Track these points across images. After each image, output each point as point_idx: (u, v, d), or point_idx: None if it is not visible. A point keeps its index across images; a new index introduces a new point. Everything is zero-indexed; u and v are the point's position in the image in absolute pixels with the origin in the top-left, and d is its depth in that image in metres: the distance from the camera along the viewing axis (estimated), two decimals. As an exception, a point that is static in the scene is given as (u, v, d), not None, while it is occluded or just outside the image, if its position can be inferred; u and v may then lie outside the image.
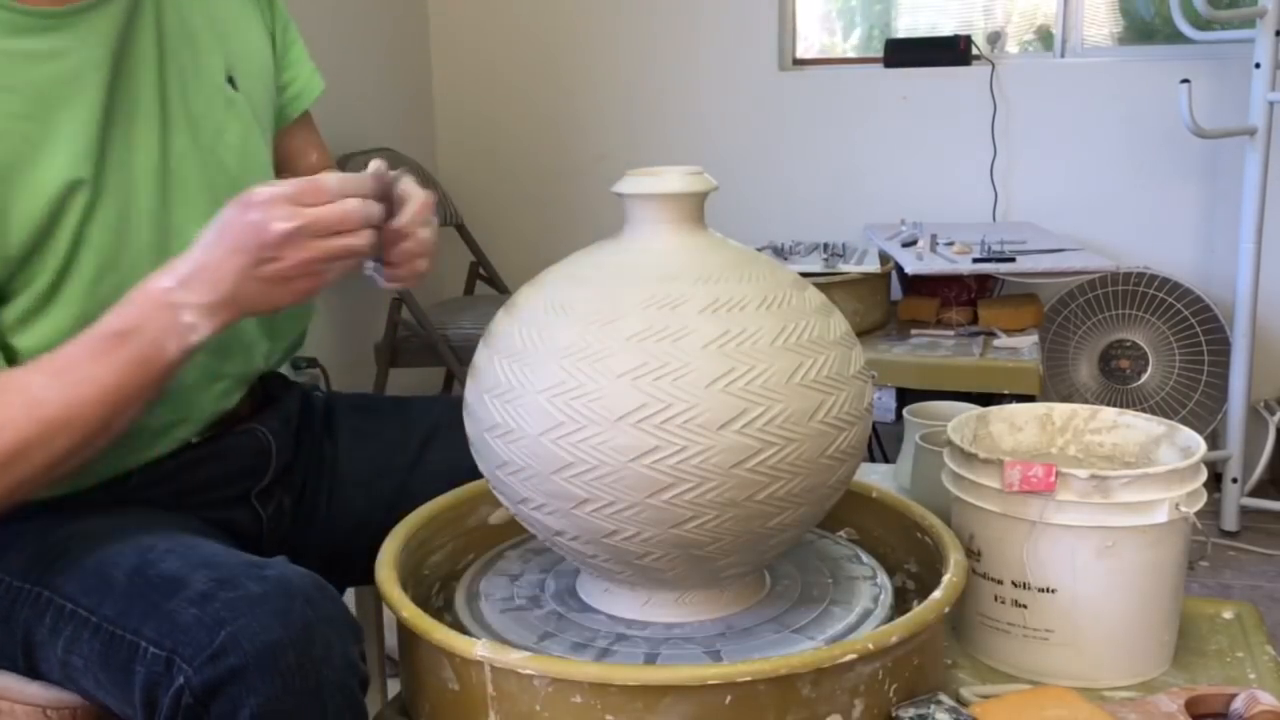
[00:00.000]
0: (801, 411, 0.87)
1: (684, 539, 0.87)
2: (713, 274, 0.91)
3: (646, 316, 0.87)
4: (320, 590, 0.85)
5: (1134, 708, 0.95)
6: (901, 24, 3.38)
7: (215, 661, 0.80)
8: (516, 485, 0.90)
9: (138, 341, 0.87)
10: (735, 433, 0.84)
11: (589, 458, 0.85)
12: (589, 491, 0.86)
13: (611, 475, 0.85)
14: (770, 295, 0.90)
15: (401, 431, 1.22)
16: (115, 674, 0.87)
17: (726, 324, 0.87)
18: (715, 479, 0.84)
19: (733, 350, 0.86)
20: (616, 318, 0.88)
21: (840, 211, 3.15)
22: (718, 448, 0.84)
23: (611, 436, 0.84)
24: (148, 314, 0.88)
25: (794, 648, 0.93)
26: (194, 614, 0.83)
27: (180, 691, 0.81)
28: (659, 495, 0.85)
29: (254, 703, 0.80)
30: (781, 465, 0.86)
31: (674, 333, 0.86)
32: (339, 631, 0.84)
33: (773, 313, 0.89)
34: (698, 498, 0.85)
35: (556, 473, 0.86)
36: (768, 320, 0.88)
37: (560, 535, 0.92)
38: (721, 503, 0.85)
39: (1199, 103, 2.56)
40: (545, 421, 0.86)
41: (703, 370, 0.85)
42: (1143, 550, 1.02)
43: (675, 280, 0.90)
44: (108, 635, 0.88)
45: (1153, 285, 2.88)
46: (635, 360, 0.85)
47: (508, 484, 0.91)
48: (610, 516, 0.87)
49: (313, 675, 0.81)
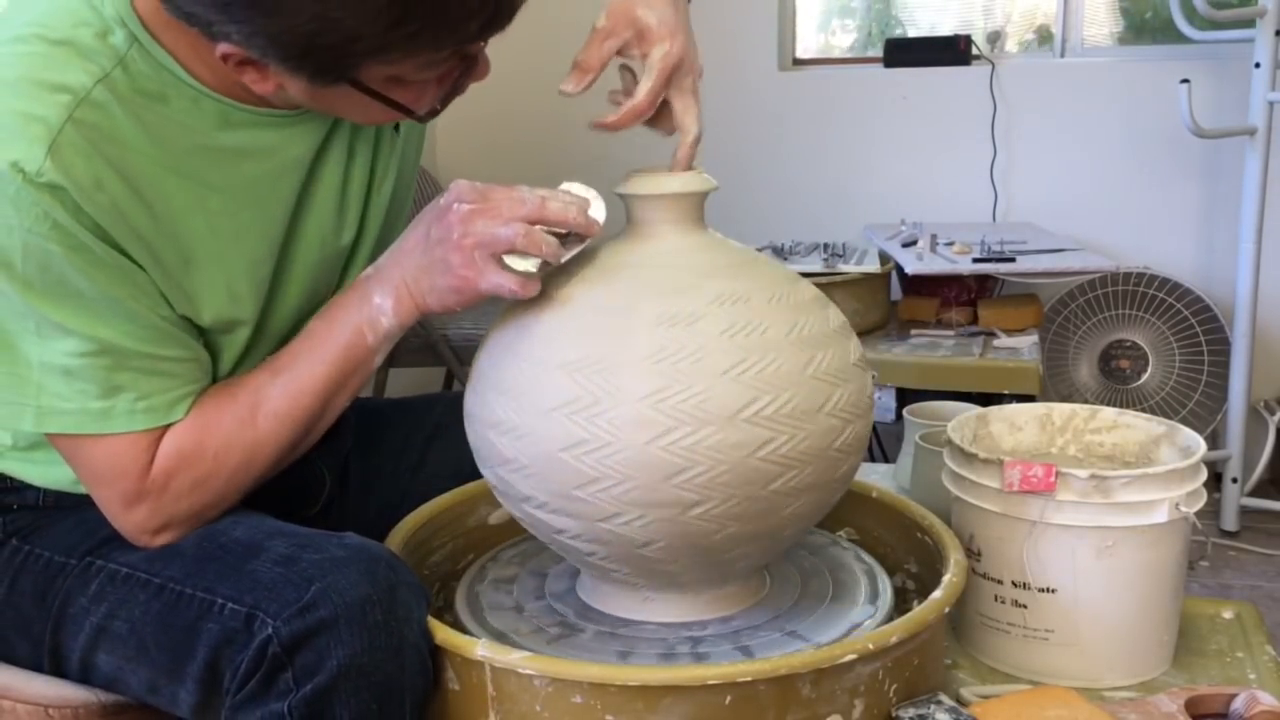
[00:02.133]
0: (811, 402, 0.87)
1: (691, 528, 0.87)
2: (719, 270, 0.91)
3: (660, 308, 0.88)
4: (397, 557, 0.89)
5: (1134, 708, 0.95)
6: (901, 24, 3.38)
7: (305, 614, 0.82)
8: (518, 482, 0.90)
9: (341, 330, 0.94)
10: (746, 420, 0.84)
11: (603, 434, 0.85)
12: (599, 470, 0.85)
13: (622, 456, 0.85)
14: (775, 292, 0.91)
15: (403, 438, 1.22)
16: (175, 634, 0.89)
17: (734, 316, 0.88)
18: (726, 465, 0.84)
19: (743, 341, 0.87)
20: (628, 313, 0.88)
21: (840, 211, 3.14)
22: (730, 437, 0.84)
23: (626, 416, 0.84)
24: (350, 303, 0.95)
25: (794, 648, 0.93)
26: (279, 572, 0.86)
27: (266, 643, 0.83)
28: (671, 480, 0.85)
29: (341, 654, 0.82)
30: (791, 455, 0.86)
31: (687, 318, 0.87)
32: (416, 597, 0.87)
33: (780, 307, 0.90)
34: (708, 482, 0.85)
35: (565, 450, 0.86)
36: (776, 314, 0.89)
37: (562, 533, 0.92)
38: (731, 486, 0.85)
39: (1199, 103, 2.56)
40: (557, 433, 0.86)
41: (717, 359, 0.85)
42: (1143, 550, 1.02)
43: (683, 272, 0.91)
44: (174, 595, 0.89)
45: (1153, 285, 2.88)
46: (653, 345, 0.86)
47: (509, 482, 0.91)
48: (617, 499, 0.86)
49: (396, 634, 0.84)
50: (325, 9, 0.73)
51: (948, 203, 3.07)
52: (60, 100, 0.80)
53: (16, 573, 0.97)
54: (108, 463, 0.89)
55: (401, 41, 0.78)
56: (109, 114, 0.82)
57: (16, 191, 0.78)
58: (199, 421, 0.91)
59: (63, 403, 0.86)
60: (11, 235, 0.80)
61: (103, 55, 0.83)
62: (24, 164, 0.78)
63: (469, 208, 0.88)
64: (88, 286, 0.83)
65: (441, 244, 0.90)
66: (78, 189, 0.80)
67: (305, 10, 0.74)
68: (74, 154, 0.80)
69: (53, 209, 0.79)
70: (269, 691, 0.83)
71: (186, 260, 0.89)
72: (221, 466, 0.92)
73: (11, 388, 0.86)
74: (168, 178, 0.86)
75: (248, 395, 0.93)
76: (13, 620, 0.97)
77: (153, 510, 0.91)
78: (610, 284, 0.91)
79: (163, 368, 0.89)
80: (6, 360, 0.86)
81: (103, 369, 0.86)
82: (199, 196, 0.88)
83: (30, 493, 0.99)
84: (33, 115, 0.79)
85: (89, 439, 0.88)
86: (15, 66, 0.81)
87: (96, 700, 0.96)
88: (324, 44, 0.76)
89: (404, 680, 0.85)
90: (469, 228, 0.88)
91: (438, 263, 0.90)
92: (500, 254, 0.88)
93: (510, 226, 0.87)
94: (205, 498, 0.93)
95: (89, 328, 0.84)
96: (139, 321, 0.86)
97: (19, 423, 0.88)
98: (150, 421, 0.89)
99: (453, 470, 1.15)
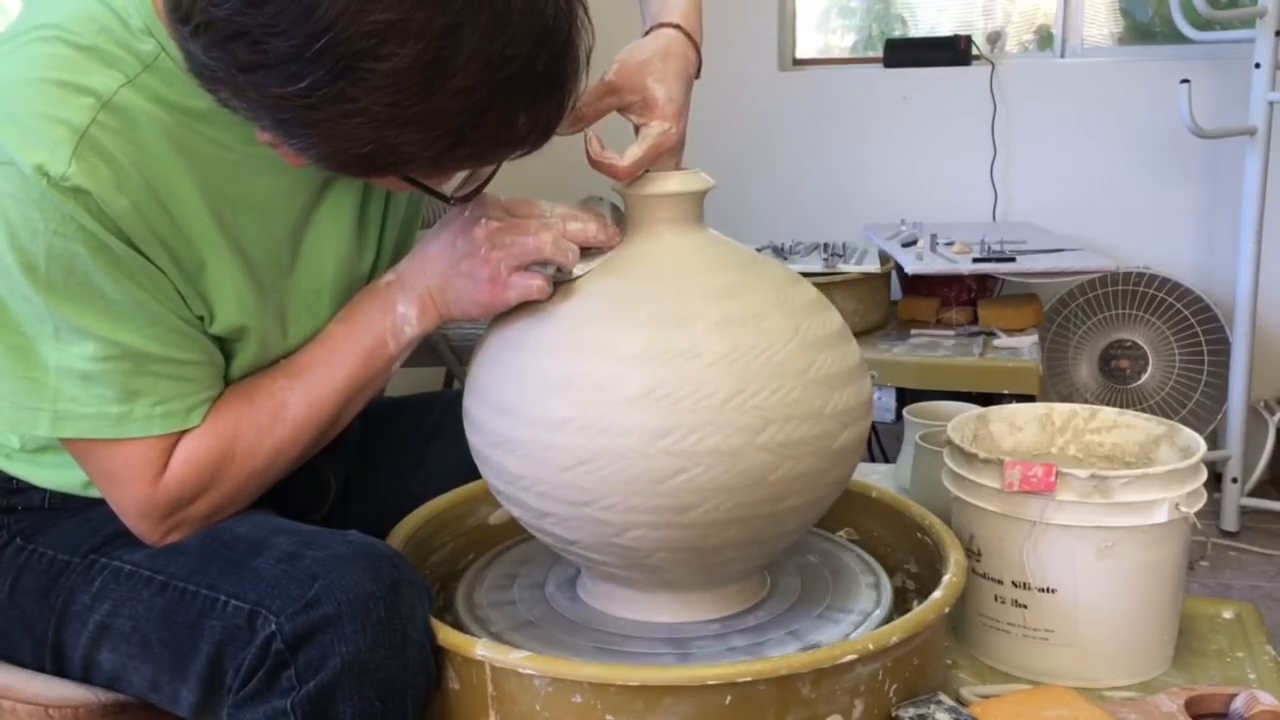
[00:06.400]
0: (811, 405, 0.87)
1: (689, 531, 0.87)
2: (718, 270, 0.92)
3: (655, 310, 0.88)
4: (400, 555, 0.89)
5: (1134, 708, 0.95)
6: (901, 24, 3.38)
7: (309, 611, 0.82)
8: (530, 499, 0.90)
9: (363, 336, 0.95)
10: (736, 409, 0.84)
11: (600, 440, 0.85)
12: (596, 465, 0.85)
13: (621, 464, 0.85)
14: (776, 293, 0.91)
15: (403, 438, 1.22)
16: (178, 631, 0.89)
17: (730, 312, 0.88)
18: (724, 466, 0.84)
19: (737, 331, 0.87)
20: (623, 313, 0.88)
21: (840, 211, 3.14)
22: (729, 440, 0.84)
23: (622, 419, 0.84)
24: (372, 310, 0.96)
25: (793, 648, 0.93)
26: (283, 569, 0.86)
27: (270, 640, 0.83)
28: (669, 481, 0.84)
29: (344, 651, 0.82)
30: (787, 443, 0.86)
31: (684, 318, 0.87)
32: (419, 594, 0.87)
33: (781, 311, 0.90)
34: (706, 484, 0.84)
35: (567, 469, 0.86)
36: (777, 316, 0.89)
37: (574, 544, 0.92)
38: (729, 490, 0.85)
39: (1199, 103, 2.56)
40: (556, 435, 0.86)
41: (714, 359, 0.85)
42: (1143, 550, 1.02)
43: (682, 271, 0.91)
44: (176, 592, 0.90)
45: (1153, 285, 2.88)
46: (645, 343, 0.86)
47: (521, 499, 0.91)
48: (614, 507, 0.86)
49: (399, 631, 0.84)
50: (383, 136, 0.73)
51: (948, 203, 3.08)
52: (85, 103, 0.80)
53: (19, 571, 0.97)
54: (123, 467, 0.89)
55: (453, 162, 0.79)
56: (132, 118, 0.82)
57: (41, 195, 0.78)
58: (216, 427, 0.91)
59: (80, 407, 0.86)
60: (36, 238, 0.80)
61: (127, 62, 0.82)
62: (49, 167, 0.78)
63: (496, 224, 0.90)
64: (111, 288, 0.83)
65: (469, 258, 0.91)
66: (101, 192, 0.80)
67: (364, 138, 0.73)
68: (97, 157, 0.80)
69: (76, 212, 0.79)
70: (272, 689, 0.83)
71: (201, 265, 0.89)
72: (238, 471, 0.92)
73: (28, 392, 0.86)
74: (185, 184, 0.86)
75: (265, 400, 0.93)
76: (15, 619, 0.97)
77: (166, 514, 0.91)
78: (610, 283, 0.91)
79: (182, 372, 0.89)
80: (23, 364, 0.86)
81: (122, 373, 0.86)
82: (214, 207, 0.88)
83: (36, 494, 0.99)
84: (57, 118, 0.79)
85: (105, 443, 0.88)
86: (37, 67, 0.81)
87: (96, 700, 0.96)
88: (377, 163, 0.76)
89: (407, 678, 0.85)
90: (497, 241, 0.90)
91: (464, 275, 0.92)
92: (528, 266, 0.90)
93: (538, 236, 0.89)
94: (218, 502, 0.93)
95: (110, 331, 0.84)
96: (161, 324, 0.86)
97: (34, 427, 0.87)
98: (168, 426, 0.89)
99: (453, 470, 1.14)
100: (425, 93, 0.70)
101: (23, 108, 0.79)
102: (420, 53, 0.69)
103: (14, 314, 0.84)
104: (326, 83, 0.69)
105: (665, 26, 0.98)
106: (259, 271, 0.93)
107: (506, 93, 0.73)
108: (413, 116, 0.71)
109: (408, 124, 0.72)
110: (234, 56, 0.70)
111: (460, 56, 0.70)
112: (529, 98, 0.75)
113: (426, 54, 0.69)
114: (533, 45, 0.72)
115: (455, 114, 0.72)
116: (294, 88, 0.70)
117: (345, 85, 0.69)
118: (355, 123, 0.71)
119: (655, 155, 0.93)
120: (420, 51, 0.69)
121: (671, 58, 0.95)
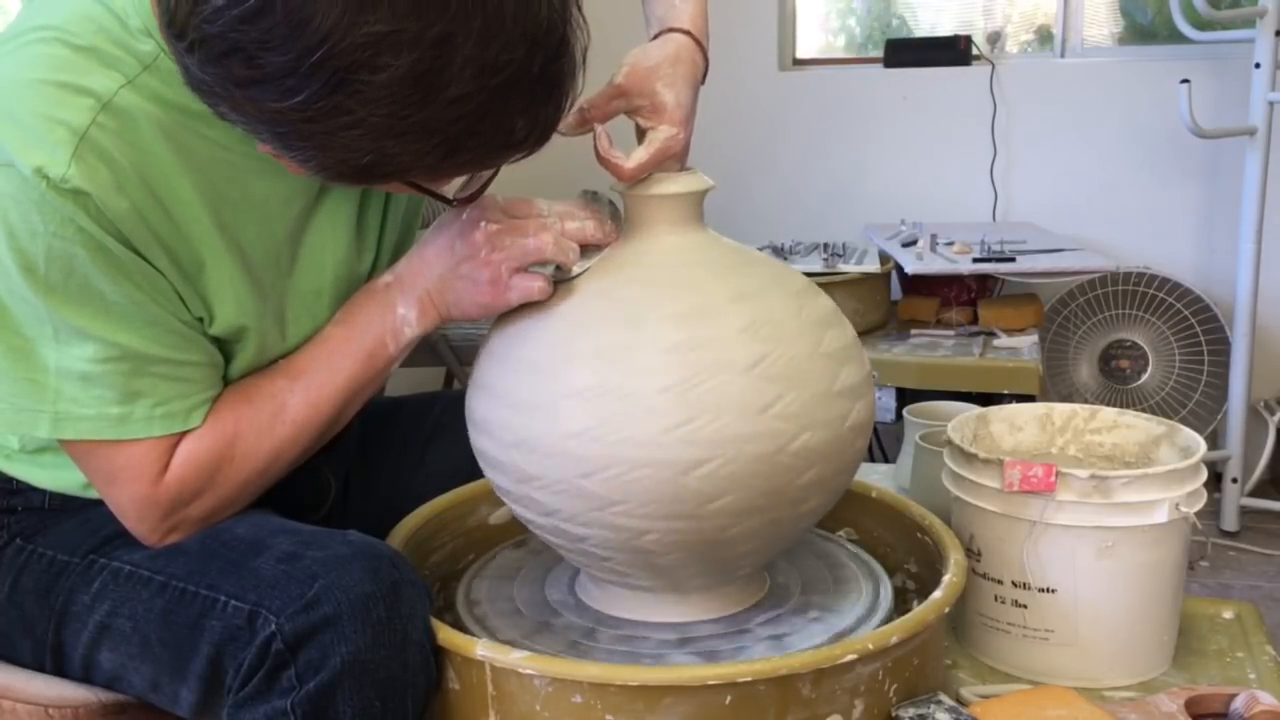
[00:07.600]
0: (822, 383, 0.88)
1: (705, 524, 0.87)
2: (720, 269, 0.92)
3: (671, 308, 0.88)
4: (400, 555, 0.89)
5: (1134, 708, 0.95)
6: (901, 24, 3.38)
7: (309, 611, 0.82)
8: (543, 497, 0.90)
9: (362, 338, 0.95)
10: (756, 376, 0.86)
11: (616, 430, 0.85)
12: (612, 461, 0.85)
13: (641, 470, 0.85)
14: (776, 281, 0.93)
15: (403, 438, 1.22)
16: (178, 631, 0.89)
17: (742, 302, 0.89)
18: (747, 455, 0.85)
19: (755, 325, 0.88)
20: (632, 310, 0.89)
21: (840, 211, 3.14)
22: (748, 428, 0.85)
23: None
24: (371, 311, 0.96)
25: (794, 647, 0.93)
26: (283, 569, 0.86)
27: (270, 640, 0.83)
28: (691, 473, 0.85)
29: (344, 651, 0.82)
30: (799, 412, 0.87)
31: (695, 311, 0.88)
32: (419, 594, 0.88)
33: (784, 294, 0.91)
34: (730, 475, 0.85)
35: (585, 477, 0.86)
36: (783, 302, 0.91)
37: (583, 541, 0.91)
38: (748, 477, 0.85)
39: (1199, 103, 2.56)
40: (574, 425, 0.86)
41: (735, 353, 0.86)
42: (1143, 550, 1.02)
43: (681, 271, 0.92)
44: (176, 592, 0.90)
45: (1153, 285, 2.88)
46: (665, 339, 0.86)
47: (532, 498, 0.91)
48: (631, 512, 0.86)
49: (399, 631, 0.84)
50: (381, 147, 0.73)
51: (948, 203, 3.08)
52: (84, 104, 0.80)
53: (19, 572, 0.97)
54: (123, 468, 0.89)
55: (452, 168, 0.79)
56: (131, 119, 0.82)
57: (41, 197, 0.78)
58: (216, 428, 0.91)
59: (80, 408, 0.86)
60: (35, 240, 0.80)
61: (126, 62, 0.82)
62: (48, 169, 0.78)
63: (495, 226, 0.91)
64: (111, 290, 0.83)
65: (469, 260, 0.91)
66: (101, 194, 0.80)
67: (362, 149, 0.73)
68: (97, 159, 0.80)
69: (76, 214, 0.79)
70: (272, 689, 0.84)
71: (200, 265, 0.88)
72: (237, 472, 0.92)
73: (27, 394, 0.86)
74: (185, 184, 0.85)
75: (265, 401, 0.93)
76: (15, 619, 0.97)
77: (165, 514, 0.91)
78: (611, 282, 0.91)
79: (182, 373, 0.89)
80: (24, 366, 0.85)
81: (122, 375, 0.86)
82: (213, 208, 0.88)
83: (36, 495, 0.99)
84: (56, 119, 0.79)
85: (105, 444, 0.88)
86: (36, 68, 0.81)
87: (96, 700, 0.96)
88: (377, 173, 0.77)
89: (407, 677, 0.85)
90: (497, 243, 0.90)
91: (465, 278, 0.92)
92: (528, 266, 0.90)
93: (538, 237, 0.89)
94: (218, 503, 0.93)
95: (110, 332, 0.84)
96: (160, 325, 0.86)
97: (34, 429, 0.87)
98: (168, 428, 0.89)
99: (453, 470, 1.15)
100: (422, 102, 0.70)
101: (22, 109, 0.79)
102: (415, 63, 0.69)
103: (14, 316, 0.84)
104: (322, 96, 0.69)
105: (674, 31, 0.98)
106: (258, 272, 0.93)
107: (503, 98, 0.73)
108: (410, 126, 0.72)
109: (405, 134, 0.72)
110: (229, 72, 0.71)
111: (455, 65, 0.70)
112: (526, 101, 0.75)
113: (421, 64, 0.69)
114: (527, 49, 0.72)
115: (452, 122, 0.72)
116: (290, 102, 0.70)
117: (341, 98, 0.70)
118: (353, 134, 0.72)
119: (660, 159, 0.93)
120: (415, 61, 0.69)
121: (680, 63, 0.95)
